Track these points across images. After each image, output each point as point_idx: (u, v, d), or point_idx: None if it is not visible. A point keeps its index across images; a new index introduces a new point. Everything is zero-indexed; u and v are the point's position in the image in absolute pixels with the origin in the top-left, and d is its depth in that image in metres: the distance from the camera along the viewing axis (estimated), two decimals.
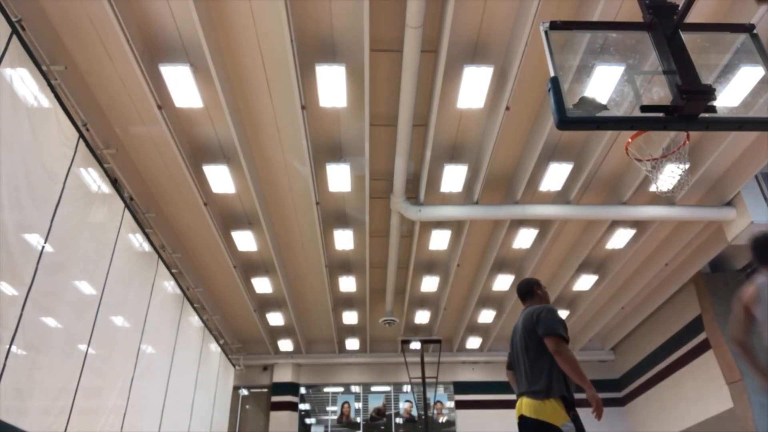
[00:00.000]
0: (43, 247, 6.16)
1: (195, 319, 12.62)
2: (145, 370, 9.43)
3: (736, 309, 3.63)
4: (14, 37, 5.54)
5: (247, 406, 17.73)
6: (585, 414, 3.65)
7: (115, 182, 8.49)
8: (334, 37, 7.40)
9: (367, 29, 6.82)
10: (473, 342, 17.10)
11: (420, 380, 12.66)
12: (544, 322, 3.73)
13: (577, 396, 3.67)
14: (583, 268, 12.90)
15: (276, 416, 17.00)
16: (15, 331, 5.60)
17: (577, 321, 15.71)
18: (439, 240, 11.80)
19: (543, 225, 11.45)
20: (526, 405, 3.65)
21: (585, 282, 13.55)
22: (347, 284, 13.52)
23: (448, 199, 10.40)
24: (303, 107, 7.98)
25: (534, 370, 3.69)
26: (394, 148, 8.80)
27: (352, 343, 17.13)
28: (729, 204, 10.25)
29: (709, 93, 3.14)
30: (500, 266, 13.09)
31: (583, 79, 3.43)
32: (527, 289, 4.20)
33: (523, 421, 3.67)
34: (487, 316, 15.43)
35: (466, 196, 10.30)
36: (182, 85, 7.62)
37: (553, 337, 3.64)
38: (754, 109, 3.34)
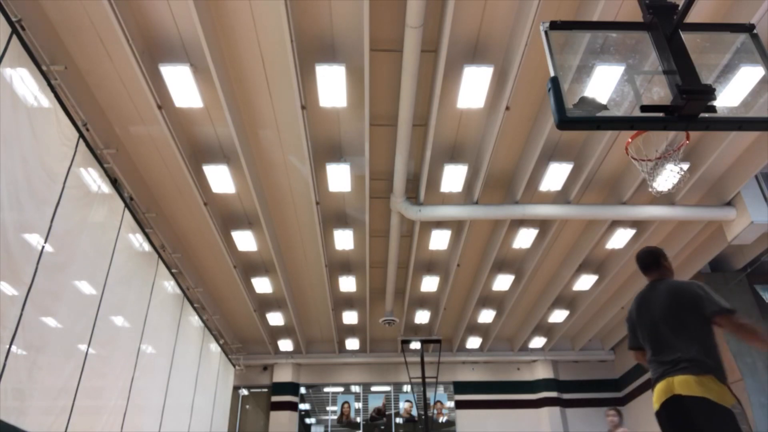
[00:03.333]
0: (43, 247, 6.16)
1: (195, 319, 12.62)
2: (145, 370, 9.43)
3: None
4: (14, 37, 5.54)
5: (247, 406, 17.73)
6: (582, 413, 3.54)
7: (115, 182, 8.49)
8: (334, 37, 7.40)
9: (367, 29, 6.82)
10: (473, 342, 17.11)
11: (420, 380, 12.67)
12: (709, 301, 3.31)
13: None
14: (583, 268, 12.91)
15: (276, 416, 17.01)
16: (15, 331, 5.60)
17: (577, 321, 15.71)
18: (439, 240, 11.81)
19: (543, 225, 11.45)
20: (682, 382, 3.14)
21: (585, 282, 13.55)
22: (347, 284, 13.52)
23: (448, 199, 10.40)
24: (303, 107, 7.99)
25: (697, 346, 3.21)
26: (394, 148, 8.80)
27: (352, 343, 17.13)
28: (729, 204, 10.25)
29: (709, 93, 3.14)
30: (500, 266, 13.10)
31: (583, 79, 3.43)
32: (652, 260, 3.84)
33: (676, 402, 3.14)
34: (487, 316, 15.43)
35: (466, 196, 10.31)
36: (182, 85, 7.62)
37: (728, 315, 3.24)
38: (754, 109, 3.34)
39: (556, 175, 9.80)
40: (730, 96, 3.40)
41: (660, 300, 3.56)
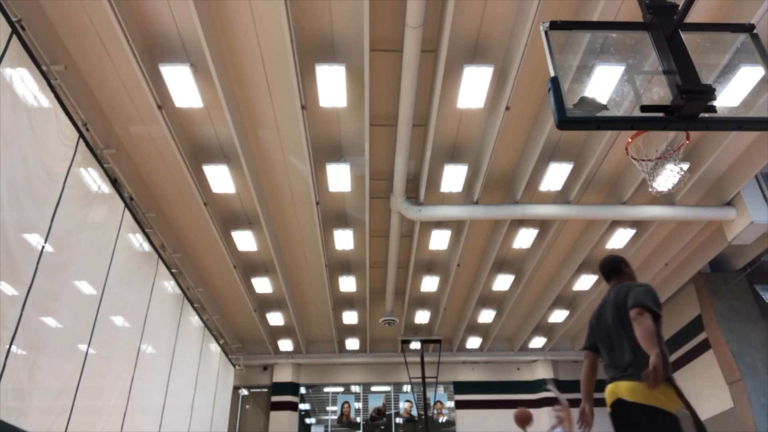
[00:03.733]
0: (43, 247, 6.16)
1: (195, 319, 12.62)
2: (145, 370, 9.43)
3: None
4: (14, 37, 5.55)
5: (247, 406, 17.73)
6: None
7: (115, 182, 8.49)
8: (334, 37, 7.40)
9: (367, 29, 6.82)
10: (473, 342, 17.11)
11: (420, 380, 12.67)
12: (634, 295, 3.35)
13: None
14: (583, 268, 12.90)
15: (276, 416, 17.00)
16: (15, 331, 5.61)
17: (577, 321, 15.69)
18: (439, 240, 11.80)
19: (543, 225, 11.45)
20: (627, 388, 3.22)
21: (585, 282, 13.55)
22: (347, 284, 13.52)
23: (448, 199, 10.40)
24: (303, 107, 7.98)
25: (636, 349, 3.24)
26: (394, 148, 8.80)
27: (352, 343, 17.13)
28: (729, 204, 10.25)
29: (709, 93, 3.14)
30: (500, 266, 13.10)
31: (583, 79, 3.43)
32: (613, 267, 3.82)
33: (620, 406, 3.26)
34: (487, 316, 15.43)
35: (466, 196, 10.31)
36: (182, 85, 7.62)
37: (637, 308, 3.25)
38: (754, 109, 3.34)
39: (556, 175, 9.80)
40: (730, 96, 3.40)
41: (610, 301, 3.61)
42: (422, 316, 15.56)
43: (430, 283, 13.71)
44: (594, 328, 3.73)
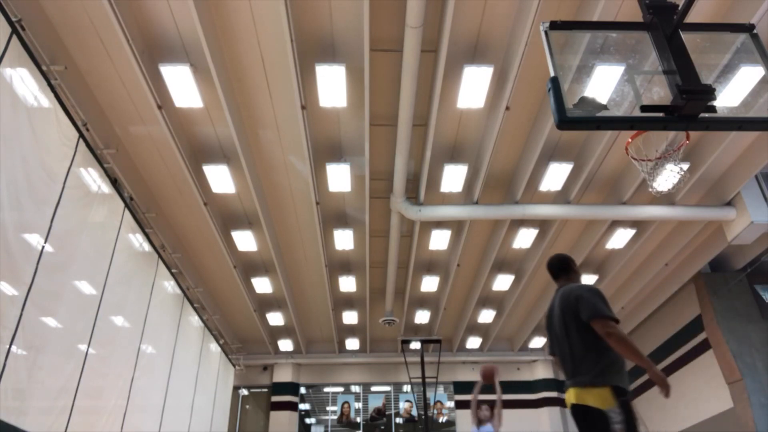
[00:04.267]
0: (43, 247, 6.16)
1: (195, 319, 12.62)
2: (145, 370, 9.43)
3: None
4: (14, 37, 5.55)
5: (247, 406, 17.73)
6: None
7: (115, 182, 8.49)
8: (334, 37, 7.40)
9: (367, 29, 6.82)
10: (473, 342, 17.11)
11: (420, 380, 12.66)
12: (587, 305, 3.34)
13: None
14: (583, 268, 12.90)
15: (276, 416, 17.00)
16: (15, 331, 5.61)
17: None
18: (439, 240, 11.80)
19: (543, 225, 11.45)
20: (574, 394, 3.34)
21: (585, 282, 13.52)
22: (347, 284, 13.52)
23: (448, 199, 10.40)
24: (303, 107, 7.98)
25: (581, 357, 3.33)
26: (394, 148, 8.80)
27: (352, 343, 17.13)
28: (729, 204, 10.25)
29: (709, 93, 3.14)
30: (500, 266, 13.09)
31: (583, 79, 3.43)
32: (561, 266, 3.80)
33: (574, 409, 3.38)
34: (487, 316, 15.43)
35: (466, 196, 10.31)
36: (182, 85, 7.62)
37: (600, 320, 3.26)
38: (754, 109, 3.34)
39: (556, 175, 9.80)
40: (730, 96, 3.40)
41: (556, 307, 3.62)
42: (422, 316, 15.56)
43: (430, 283, 13.71)
44: (550, 334, 3.75)
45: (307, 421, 17.59)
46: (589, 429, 3.26)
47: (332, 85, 7.75)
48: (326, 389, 18.01)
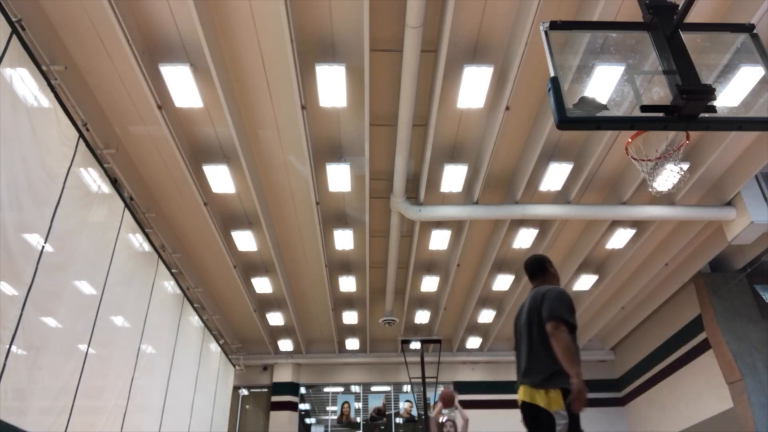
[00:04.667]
0: (43, 247, 6.16)
1: (195, 319, 12.62)
2: (145, 370, 9.43)
3: None
4: (14, 37, 5.55)
5: (247, 406, 17.73)
6: (587, 414, 3.52)
7: (115, 182, 8.49)
8: (334, 37, 7.40)
9: (367, 29, 6.82)
10: (473, 342, 17.10)
11: (420, 380, 12.66)
12: (549, 305, 3.45)
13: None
14: (583, 268, 12.90)
15: (276, 416, 17.00)
16: (15, 331, 5.61)
17: (577, 321, 15.68)
18: (439, 240, 11.80)
19: (543, 225, 11.45)
20: (525, 392, 3.45)
21: (585, 282, 13.55)
22: (347, 284, 13.52)
23: (448, 199, 10.40)
24: (303, 107, 7.98)
25: (537, 357, 3.42)
26: (394, 148, 8.80)
27: (352, 343, 17.13)
28: (729, 204, 10.24)
29: (709, 93, 3.14)
30: (500, 266, 13.09)
31: (583, 79, 3.43)
32: (538, 267, 3.87)
33: (523, 407, 3.49)
34: (487, 316, 15.43)
35: (466, 196, 10.31)
36: (182, 85, 7.62)
37: (555, 321, 3.37)
38: (754, 109, 3.34)
39: (556, 175, 9.80)
40: (730, 96, 3.40)
41: (526, 305, 3.73)
42: (422, 316, 15.56)
43: (430, 283, 13.71)
44: (515, 332, 3.84)
45: (307, 421, 17.59)
46: (537, 428, 3.39)
47: (332, 85, 7.75)
48: (326, 389, 18.00)
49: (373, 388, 17.96)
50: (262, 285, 13.36)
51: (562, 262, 13.05)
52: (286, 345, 16.86)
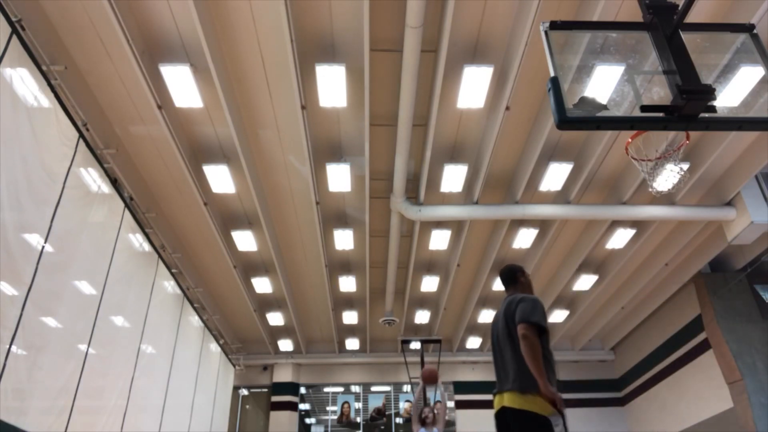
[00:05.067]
0: (43, 247, 6.16)
1: (195, 319, 12.62)
2: (145, 370, 9.43)
3: None
4: (14, 37, 5.55)
5: (247, 406, 17.72)
6: (582, 413, 3.55)
7: (115, 182, 8.49)
8: (334, 37, 7.40)
9: (367, 29, 6.82)
10: (473, 342, 17.10)
11: (420, 380, 12.65)
12: (521, 309, 3.52)
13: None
14: (583, 268, 12.90)
15: (276, 416, 17.00)
16: (15, 331, 5.61)
17: (577, 321, 15.70)
18: (439, 240, 11.80)
19: (543, 225, 11.45)
20: (509, 397, 3.47)
21: (585, 282, 13.55)
22: (347, 284, 13.51)
23: (448, 199, 10.40)
24: (303, 107, 7.98)
25: (519, 364, 3.45)
26: (394, 148, 8.80)
27: (352, 343, 17.12)
28: (729, 204, 10.24)
29: (709, 93, 3.14)
30: (500, 266, 12.99)
31: (583, 79, 3.43)
32: (511, 276, 3.96)
33: (503, 413, 3.49)
34: (487, 316, 15.42)
35: (466, 196, 10.30)
36: (182, 85, 7.62)
37: (526, 324, 3.43)
38: (754, 109, 3.34)
39: (556, 175, 9.79)
40: (730, 96, 3.40)
41: (501, 313, 3.78)
42: (422, 316, 15.56)
43: (430, 283, 13.70)
44: (492, 340, 3.88)
45: (307, 421, 17.59)
46: (530, 430, 3.37)
47: (332, 85, 7.75)
48: (326, 389, 18.00)
49: (373, 388, 17.97)
50: (262, 285, 13.36)
51: (562, 262, 13.06)
52: (286, 345, 16.86)
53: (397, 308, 14.72)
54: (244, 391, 17.61)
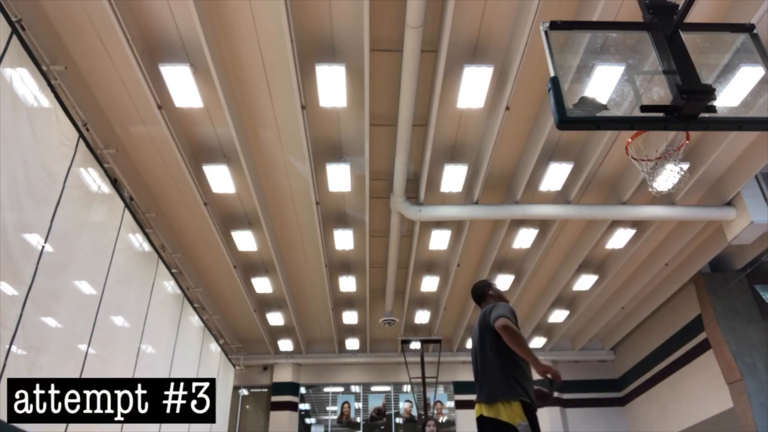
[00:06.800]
0: (43, 247, 6.16)
1: (195, 319, 12.62)
2: (145, 370, 9.42)
3: None
4: (14, 37, 5.55)
5: (247, 406, 17.72)
6: (582, 413, 3.58)
7: (115, 182, 8.49)
8: (334, 37, 7.40)
9: (367, 29, 6.82)
10: None
11: (420, 380, 12.65)
12: (495, 314, 3.65)
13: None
14: (583, 268, 12.90)
15: (276, 416, 17.00)
16: (15, 331, 5.60)
17: (577, 321, 15.70)
18: (439, 240, 11.80)
19: (543, 225, 11.45)
20: (483, 407, 3.58)
21: (585, 282, 13.55)
22: (347, 284, 13.51)
23: (448, 199, 10.40)
24: (303, 107, 7.98)
25: (492, 372, 3.59)
26: (394, 148, 8.80)
27: (352, 343, 17.12)
28: (729, 204, 10.24)
29: (709, 93, 3.14)
30: (500, 266, 13.09)
31: (583, 79, 3.43)
32: (480, 293, 4.21)
33: (481, 420, 3.60)
34: None
35: (466, 196, 10.30)
36: (182, 85, 7.62)
37: (500, 318, 3.55)
38: (754, 109, 3.34)
39: (556, 175, 9.79)
40: (730, 96, 3.40)
41: (476, 326, 3.93)
42: (422, 316, 15.56)
43: (430, 283, 13.70)
44: (472, 350, 3.98)
45: (307, 421, 17.59)
46: None
47: (332, 85, 7.75)
48: (326, 389, 18.00)
49: (373, 388, 17.97)
50: (262, 285, 13.36)
51: (562, 262, 13.06)
52: (286, 345, 16.86)
53: (397, 308, 14.72)
54: (244, 391, 17.60)
